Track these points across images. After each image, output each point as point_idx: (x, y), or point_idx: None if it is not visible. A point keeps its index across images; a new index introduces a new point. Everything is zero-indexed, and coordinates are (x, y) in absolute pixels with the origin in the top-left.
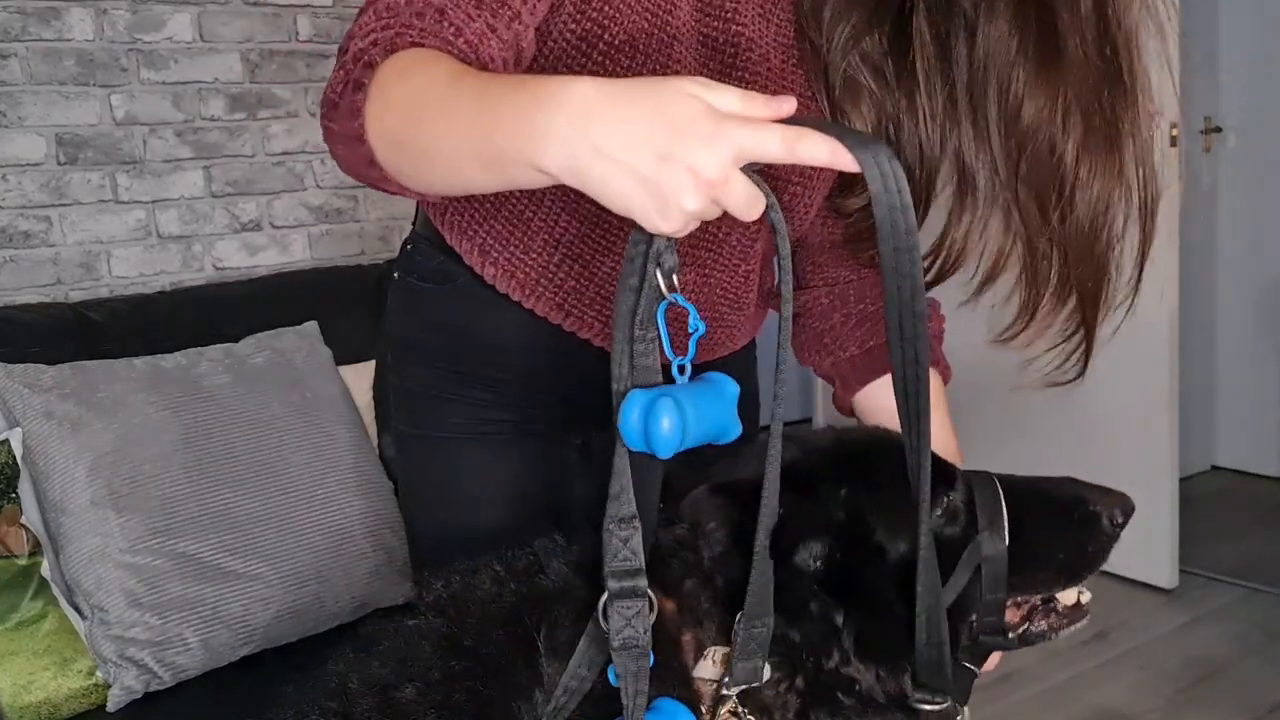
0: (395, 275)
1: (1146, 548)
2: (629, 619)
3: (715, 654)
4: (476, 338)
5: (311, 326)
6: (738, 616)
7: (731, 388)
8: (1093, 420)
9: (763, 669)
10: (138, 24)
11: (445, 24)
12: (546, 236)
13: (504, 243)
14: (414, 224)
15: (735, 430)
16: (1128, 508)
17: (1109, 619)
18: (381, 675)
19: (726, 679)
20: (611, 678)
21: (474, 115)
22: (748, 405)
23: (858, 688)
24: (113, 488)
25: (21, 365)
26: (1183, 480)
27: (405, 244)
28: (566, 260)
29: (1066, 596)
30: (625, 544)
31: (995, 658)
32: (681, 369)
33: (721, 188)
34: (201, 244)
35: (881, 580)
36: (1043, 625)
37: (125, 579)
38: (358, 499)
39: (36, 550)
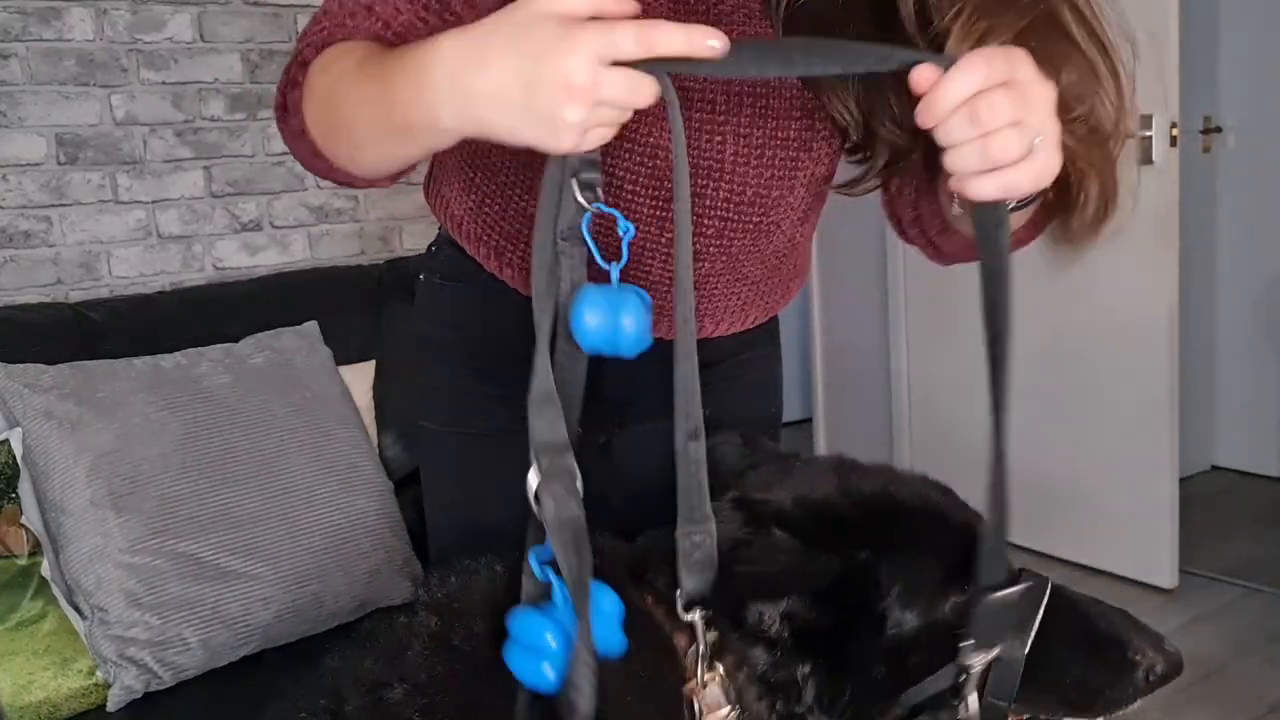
0: (421, 275)
1: (1146, 548)
2: (561, 497)
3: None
4: (497, 334)
5: (311, 326)
6: (679, 524)
7: (646, 297)
8: (1093, 420)
9: (711, 581)
10: (138, 24)
11: (374, 18)
12: None
13: (515, 242)
14: (440, 228)
15: (647, 341)
16: (1172, 665)
17: None
18: (373, 673)
19: (684, 600)
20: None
21: (377, 94)
22: (770, 395)
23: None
24: (112, 488)
25: (21, 365)
26: (1183, 480)
27: (431, 246)
28: None
29: None
30: (550, 424)
31: None
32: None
33: (596, 90)
34: (201, 244)
35: (870, 645)
36: None
37: (125, 579)
38: (358, 499)
39: (36, 550)
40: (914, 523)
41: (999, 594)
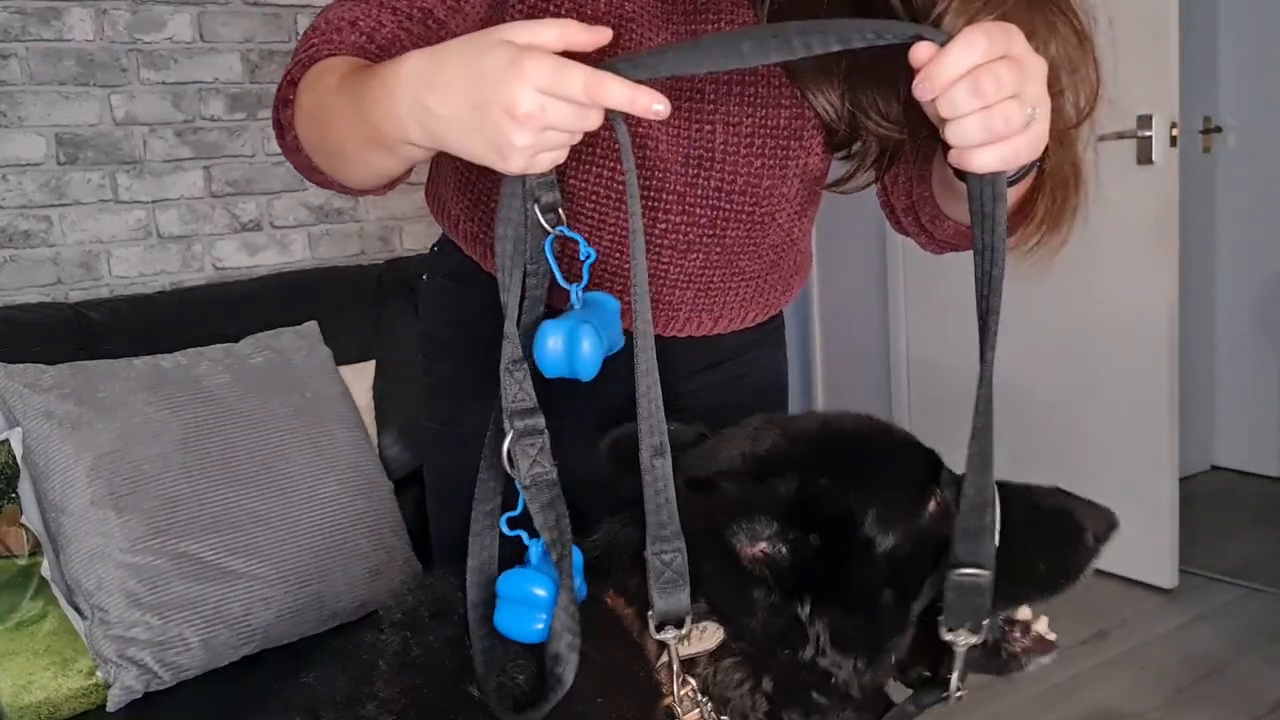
0: (423, 276)
1: (1146, 547)
2: (534, 456)
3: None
4: (498, 333)
5: (311, 326)
6: (648, 542)
7: (613, 303)
8: (1093, 420)
9: (687, 602)
10: (138, 24)
11: (358, 33)
12: None
13: None
14: (443, 230)
15: (620, 343)
16: (1113, 523)
17: (1109, 618)
18: (346, 690)
19: (655, 620)
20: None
21: (352, 110)
22: (776, 397)
23: (833, 681)
24: (113, 487)
25: (21, 365)
26: (1182, 480)
27: (433, 246)
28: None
29: (1038, 625)
30: (520, 386)
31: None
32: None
33: (542, 118)
34: (201, 244)
35: (867, 571)
36: (1015, 648)
37: (125, 579)
38: (358, 499)
39: (36, 550)
40: (864, 448)
41: (972, 573)
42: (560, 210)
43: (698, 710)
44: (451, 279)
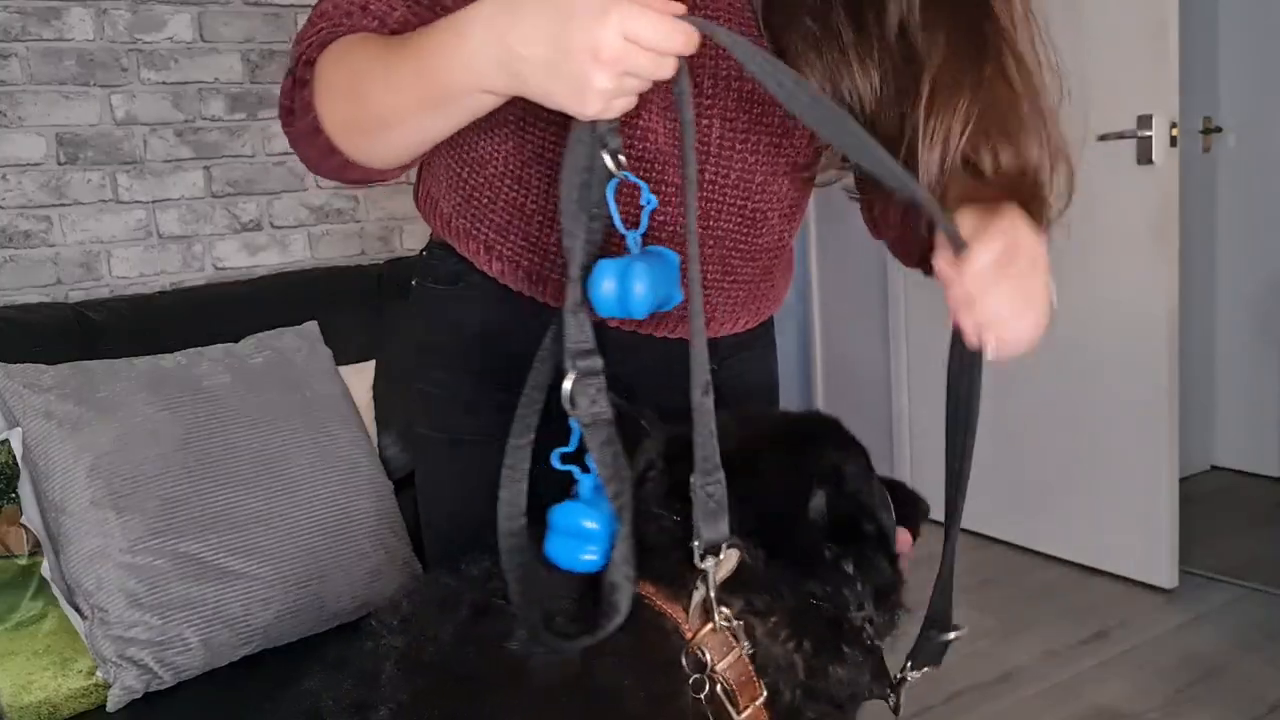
0: (414, 282)
1: (1146, 547)
2: (594, 396)
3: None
4: (491, 338)
5: (311, 326)
6: (692, 478)
7: (674, 257)
8: (1092, 420)
9: (726, 530)
10: (138, 24)
11: (369, 16)
12: (541, 217)
13: (505, 233)
14: (432, 234)
15: (678, 297)
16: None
17: (1109, 618)
18: (354, 695)
19: (700, 549)
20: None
21: (412, 69)
22: (768, 397)
23: (866, 636)
24: (113, 488)
25: (21, 365)
26: (1182, 480)
27: (422, 251)
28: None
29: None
30: (581, 329)
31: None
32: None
33: (624, 62)
34: (202, 244)
35: (875, 532)
36: None
37: (125, 579)
38: (358, 499)
39: (36, 550)
40: (830, 427)
41: (943, 634)
42: (622, 157)
43: (736, 651)
44: (441, 284)
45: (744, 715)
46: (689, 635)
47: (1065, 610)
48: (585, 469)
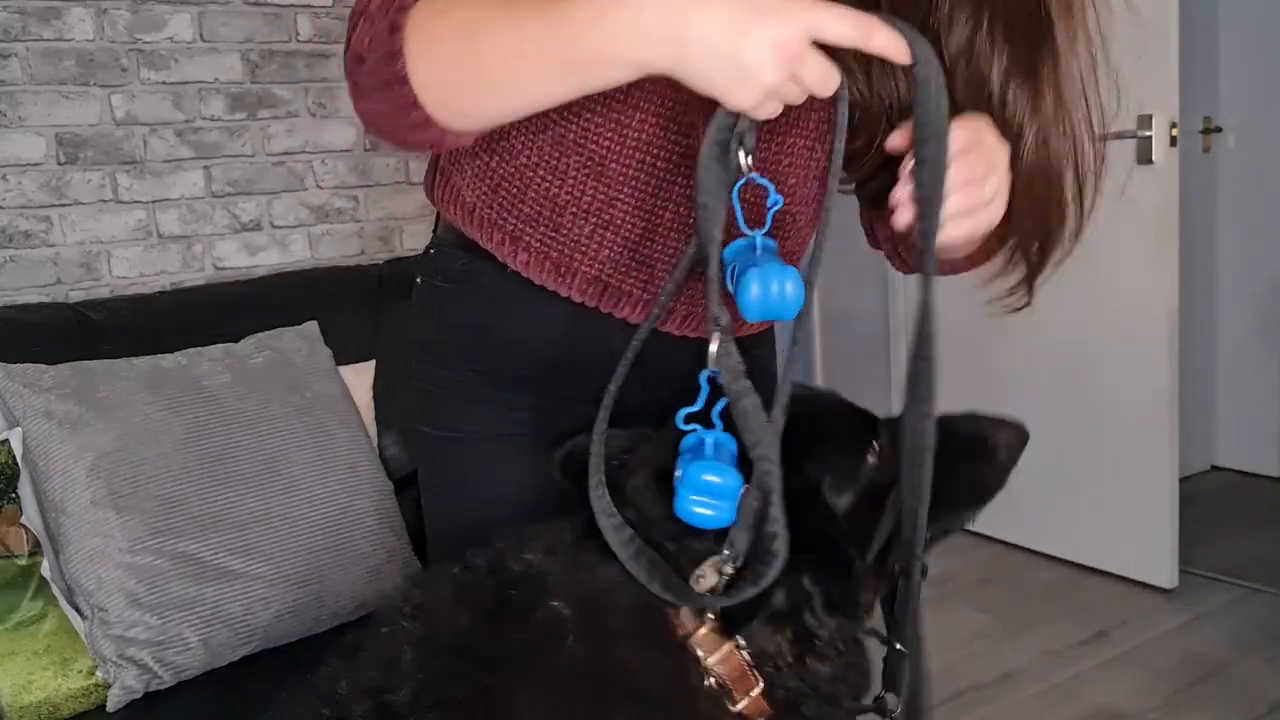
0: (418, 280)
1: (1146, 548)
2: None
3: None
4: (500, 337)
5: (311, 326)
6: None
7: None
8: (1092, 419)
9: (747, 542)
10: (138, 24)
11: None
12: (575, 209)
13: (534, 224)
14: (435, 231)
15: (799, 308)
16: (1023, 437)
17: (1109, 618)
18: (372, 680)
19: (728, 554)
20: None
21: (545, 28)
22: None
23: (817, 643)
24: (113, 488)
25: (21, 365)
26: (1183, 480)
27: (428, 248)
28: (599, 229)
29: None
30: (719, 307)
31: None
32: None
33: (798, 62)
34: (201, 244)
35: (839, 535)
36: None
37: (125, 579)
38: (358, 499)
39: (36, 550)
40: (814, 410)
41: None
42: (752, 158)
43: (728, 646)
44: (449, 282)
45: (740, 706)
46: (682, 632)
47: (1065, 610)
48: (710, 426)
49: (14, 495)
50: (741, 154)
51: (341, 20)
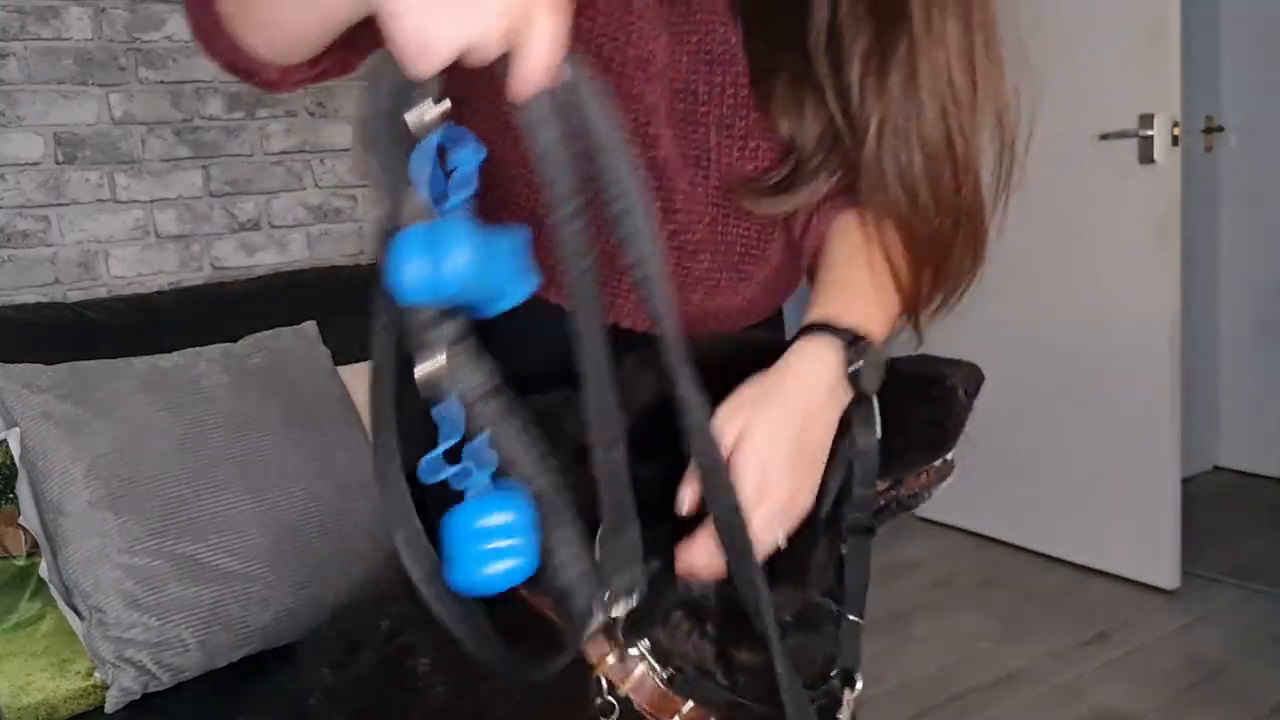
0: None
1: (1148, 548)
2: (470, 366)
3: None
4: (497, 335)
5: (310, 327)
6: (599, 531)
7: (520, 231)
8: (1094, 420)
9: (639, 577)
10: (136, 23)
11: None
12: (514, 210)
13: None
14: None
15: (521, 291)
16: (978, 376)
17: (1110, 619)
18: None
19: (609, 601)
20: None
21: None
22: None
23: (746, 630)
24: (111, 488)
25: (19, 365)
26: (1185, 481)
27: None
28: (533, 227)
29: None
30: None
31: None
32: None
33: (535, 8)
34: (200, 244)
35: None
36: (914, 487)
37: (123, 580)
38: (357, 500)
39: (34, 551)
40: (721, 360)
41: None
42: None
43: (644, 665)
44: None
45: None
46: (588, 666)
47: (1067, 612)
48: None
49: (12, 496)
50: (427, 105)
51: None
